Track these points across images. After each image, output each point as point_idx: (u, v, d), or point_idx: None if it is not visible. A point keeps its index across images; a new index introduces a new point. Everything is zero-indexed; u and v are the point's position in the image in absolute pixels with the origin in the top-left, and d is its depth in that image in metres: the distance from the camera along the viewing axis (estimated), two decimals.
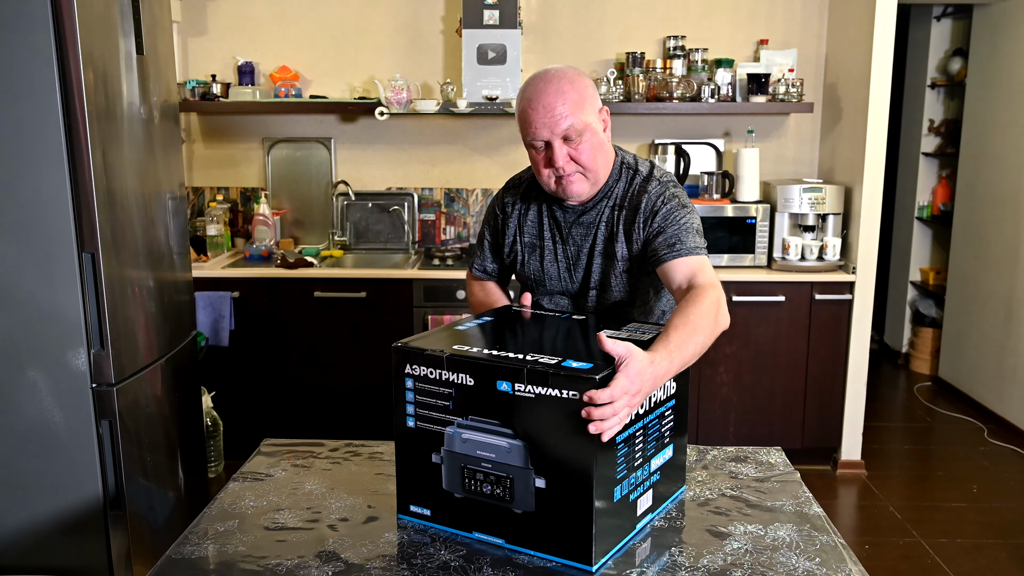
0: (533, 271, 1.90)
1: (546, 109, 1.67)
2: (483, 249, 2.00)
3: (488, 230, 1.98)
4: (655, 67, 3.78)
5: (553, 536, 1.31)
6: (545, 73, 1.72)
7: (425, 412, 1.39)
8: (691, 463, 1.72)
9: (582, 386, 1.23)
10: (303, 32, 3.92)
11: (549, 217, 1.86)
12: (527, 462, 1.30)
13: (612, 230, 1.80)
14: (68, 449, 2.23)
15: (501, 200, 1.95)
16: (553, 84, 1.69)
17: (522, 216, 1.90)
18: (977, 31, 4.59)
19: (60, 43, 2.07)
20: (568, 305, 1.90)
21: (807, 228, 3.68)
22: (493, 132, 3.97)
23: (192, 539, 1.43)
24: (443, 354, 1.35)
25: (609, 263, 1.81)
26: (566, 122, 1.67)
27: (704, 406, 3.62)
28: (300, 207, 4.02)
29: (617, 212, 1.80)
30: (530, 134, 1.71)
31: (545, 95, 1.68)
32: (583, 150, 1.71)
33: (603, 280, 1.82)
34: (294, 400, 3.61)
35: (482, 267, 2.01)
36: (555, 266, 1.86)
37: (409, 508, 1.46)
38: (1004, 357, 4.22)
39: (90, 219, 2.16)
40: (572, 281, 1.86)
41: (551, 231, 1.86)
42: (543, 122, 1.68)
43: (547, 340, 1.52)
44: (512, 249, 1.92)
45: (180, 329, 2.71)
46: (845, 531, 3.21)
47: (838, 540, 1.42)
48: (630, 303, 1.84)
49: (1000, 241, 4.29)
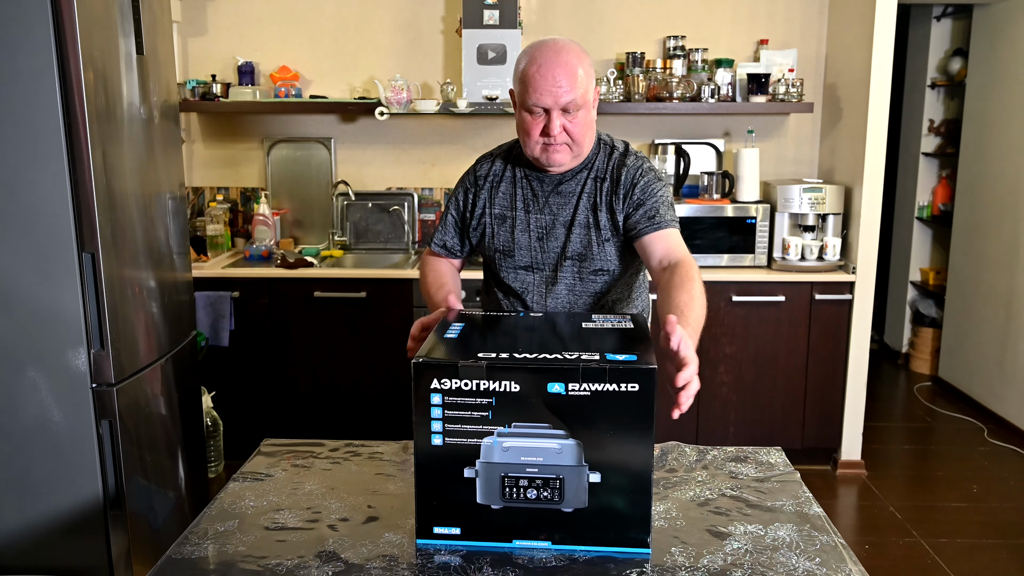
0: (502, 242, 1.91)
1: (555, 79, 1.71)
2: (445, 223, 2.01)
3: (453, 206, 1.99)
4: (655, 67, 3.78)
5: (608, 527, 1.33)
6: (554, 42, 1.75)
7: (456, 427, 1.33)
8: (691, 463, 1.72)
9: (642, 378, 1.27)
10: (303, 32, 3.92)
11: (524, 187, 1.89)
12: (580, 460, 1.31)
13: (595, 201, 1.85)
14: (68, 449, 2.23)
15: (473, 174, 1.97)
16: (563, 55, 1.72)
17: (494, 188, 1.92)
18: (977, 31, 4.59)
19: (60, 43, 2.08)
20: (534, 281, 1.90)
21: (807, 228, 3.68)
22: (493, 132, 3.97)
23: (192, 539, 1.43)
24: (483, 363, 1.30)
25: (592, 233, 1.85)
26: (570, 95, 1.72)
27: (704, 406, 3.62)
28: (300, 207, 4.02)
29: (599, 183, 1.86)
30: (532, 98, 1.73)
31: (555, 64, 1.71)
32: (577, 123, 1.76)
33: (583, 250, 1.86)
34: (294, 400, 3.61)
35: (442, 241, 2.01)
36: (526, 235, 1.88)
37: (433, 531, 1.38)
38: (1004, 357, 4.22)
39: (90, 219, 2.16)
40: (544, 251, 1.88)
41: (524, 201, 1.89)
42: (548, 90, 1.71)
43: (550, 339, 1.50)
44: (480, 221, 1.93)
45: (180, 329, 2.71)
46: (845, 531, 3.21)
47: (838, 540, 1.42)
48: (611, 272, 1.88)
49: (1000, 241, 4.29)
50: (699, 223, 3.58)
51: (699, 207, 3.61)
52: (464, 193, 1.97)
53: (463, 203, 1.97)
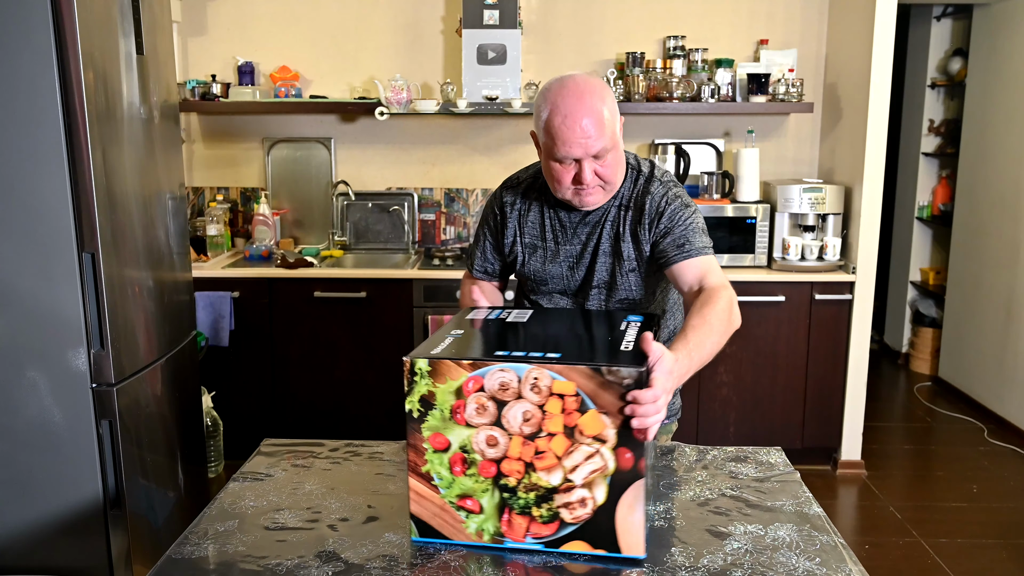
0: (534, 271, 1.89)
1: (583, 130, 1.63)
2: (483, 250, 1.96)
3: (488, 230, 1.95)
4: (655, 67, 3.78)
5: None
6: (575, 84, 1.66)
7: None
8: (691, 463, 1.72)
9: None
10: (303, 32, 3.92)
11: (552, 218, 1.85)
12: None
13: (618, 230, 1.80)
14: (68, 449, 2.23)
15: (500, 200, 1.92)
16: (587, 99, 1.63)
17: (522, 216, 1.88)
18: (977, 31, 4.59)
19: (60, 43, 2.08)
20: (568, 306, 1.89)
21: (807, 228, 3.68)
22: (493, 132, 3.97)
23: (192, 539, 1.43)
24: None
25: (615, 262, 1.81)
26: (600, 142, 1.65)
27: (704, 406, 3.62)
28: (300, 207, 4.02)
29: (624, 212, 1.80)
30: (561, 151, 1.66)
31: (581, 113, 1.63)
32: (609, 166, 1.69)
33: (609, 279, 1.82)
34: (294, 400, 3.61)
35: (483, 267, 1.97)
36: (557, 266, 1.86)
37: None
38: (1004, 357, 4.22)
39: (90, 219, 2.16)
40: (574, 279, 1.86)
41: (553, 232, 1.85)
42: (577, 142, 1.64)
43: (549, 338, 1.50)
44: (512, 250, 1.90)
45: (180, 329, 2.71)
46: (845, 531, 3.21)
47: (838, 540, 1.42)
48: (636, 301, 1.84)
49: (1000, 241, 4.29)
50: None
51: (699, 207, 3.59)
52: (494, 219, 1.93)
53: (495, 227, 1.93)
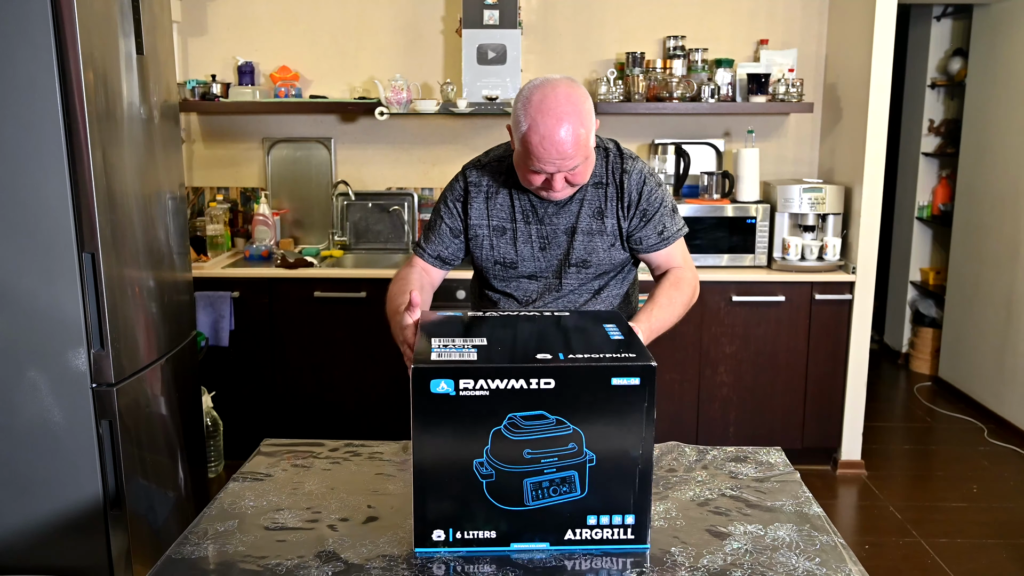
0: (503, 254, 1.88)
1: (559, 151, 1.65)
2: (440, 233, 1.90)
3: (447, 213, 1.89)
4: (655, 67, 3.78)
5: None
6: (556, 103, 1.64)
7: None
8: (691, 463, 1.73)
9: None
10: (303, 32, 3.92)
11: (522, 200, 1.86)
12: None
13: (598, 206, 1.84)
14: (68, 449, 2.23)
15: (464, 183, 1.89)
16: (564, 120, 1.63)
17: (490, 199, 1.87)
18: (977, 31, 4.59)
19: (60, 43, 2.08)
20: (537, 289, 1.90)
21: (807, 228, 3.68)
22: (493, 132, 3.97)
23: (192, 539, 1.43)
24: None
25: (596, 239, 1.85)
26: (575, 161, 1.68)
27: (704, 406, 3.62)
28: (300, 207, 4.02)
29: (601, 188, 1.85)
30: (534, 164, 1.69)
31: (557, 136, 1.63)
32: (579, 173, 1.74)
33: (588, 256, 1.86)
34: (294, 400, 3.61)
35: (436, 252, 1.91)
36: (528, 246, 1.87)
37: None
38: (1004, 357, 4.22)
39: (90, 219, 2.16)
40: (546, 260, 1.87)
41: (523, 212, 1.86)
42: (553, 161, 1.67)
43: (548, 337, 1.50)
44: (476, 232, 1.88)
45: (180, 329, 2.71)
46: (845, 531, 3.21)
47: (838, 540, 1.42)
48: (609, 274, 1.90)
49: (1000, 241, 4.29)
50: (699, 223, 3.58)
51: (699, 207, 3.61)
52: (456, 202, 1.89)
53: (457, 212, 1.89)
